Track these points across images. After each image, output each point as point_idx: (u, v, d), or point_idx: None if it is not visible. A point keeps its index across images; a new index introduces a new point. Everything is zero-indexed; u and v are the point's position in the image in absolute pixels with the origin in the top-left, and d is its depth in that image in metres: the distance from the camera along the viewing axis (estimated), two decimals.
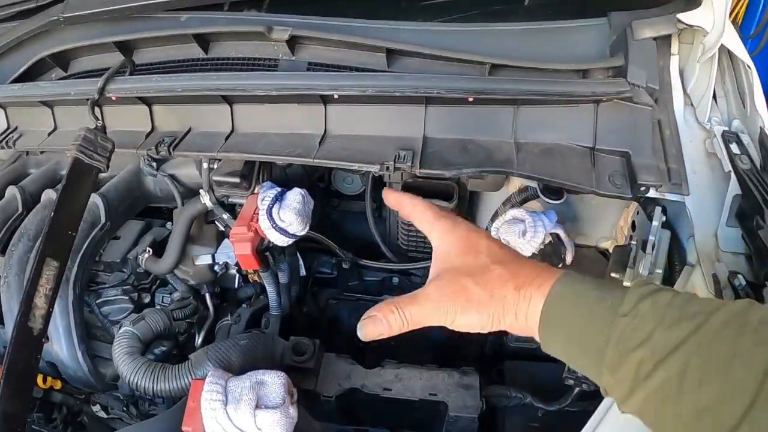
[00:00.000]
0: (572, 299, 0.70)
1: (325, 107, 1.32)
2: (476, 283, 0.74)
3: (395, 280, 1.80)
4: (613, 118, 1.21)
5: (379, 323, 0.77)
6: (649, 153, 1.19)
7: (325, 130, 1.32)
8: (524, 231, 1.35)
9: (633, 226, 1.56)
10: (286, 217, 1.34)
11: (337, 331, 1.78)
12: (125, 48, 1.50)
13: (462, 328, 0.76)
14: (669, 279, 1.20)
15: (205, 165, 1.50)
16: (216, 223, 1.61)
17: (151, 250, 1.60)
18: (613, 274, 1.22)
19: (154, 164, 1.62)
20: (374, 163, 1.23)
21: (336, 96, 1.25)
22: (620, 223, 1.65)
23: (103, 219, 1.51)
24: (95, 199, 1.49)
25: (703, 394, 0.57)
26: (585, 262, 1.60)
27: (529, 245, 1.35)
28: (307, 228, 1.41)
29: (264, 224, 1.35)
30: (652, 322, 0.63)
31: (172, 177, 1.62)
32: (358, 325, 0.77)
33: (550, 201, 1.43)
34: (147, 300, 1.65)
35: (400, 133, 1.30)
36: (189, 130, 1.39)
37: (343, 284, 1.84)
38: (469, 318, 0.74)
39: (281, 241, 1.38)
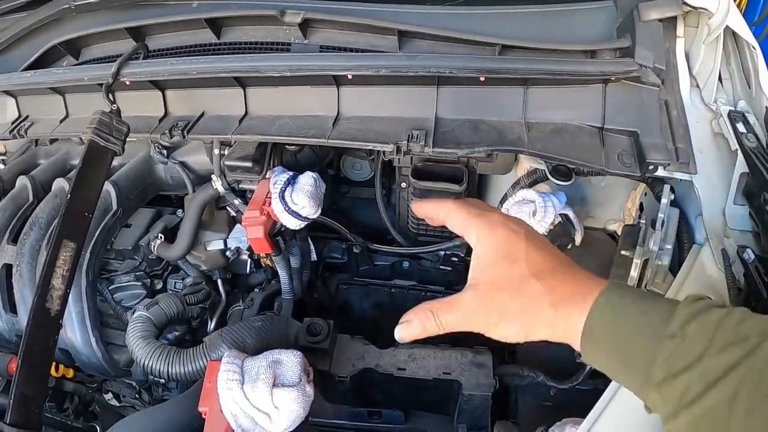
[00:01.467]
0: (615, 315, 0.68)
1: (338, 89, 1.34)
2: (512, 297, 0.73)
3: (405, 264, 1.82)
4: (621, 98, 1.23)
5: (415, 327, 0.76)
6: (657, 132, 1.21)
7: (338, 112, 1.34)
8: (534, 211, 1.36)
9: (641, 207, 1.57)
10: (298, 200, 1.36)
11: (348, 315, 1.80)
12: (137, 34, 1.52)
13: (497, 338, 0.75)
14: (678, 257, 1.21)
15: (216, 151, 1.51)
16: (227, 208, 1.62)
17: (162, 236, 1.60)
18: (623, 252, 1.24)
19: (165, 151, 1.64)
20: (388, 142, 1.25)
21: (350, 76, 1.27)
22: (628, 205, 1.66)
23: (114, 206, 1.51)
24: (107, 186, 1.49)
25: (754, 424, 0.56)
26: (594, 244, 1.62)
27: (539, 225, 1.36)
28: (319, 211, 1.42)
29: (277, 207, 1.37)
30: (700, 345, 0.61)
31: (183, 164, 1.63)
32: (396, 329, 0.78)
33: (560, 182, 1.44)
34: (159, 286, 1.67)
35: (412, 114, 1.32)
36: (202, 114, 1.41)
37: (354, 269, 1.86)
38: (504, 330, 0.73)
39: (294, 224, 1.39)
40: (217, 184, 1.50)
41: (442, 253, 1.74)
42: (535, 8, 1.38)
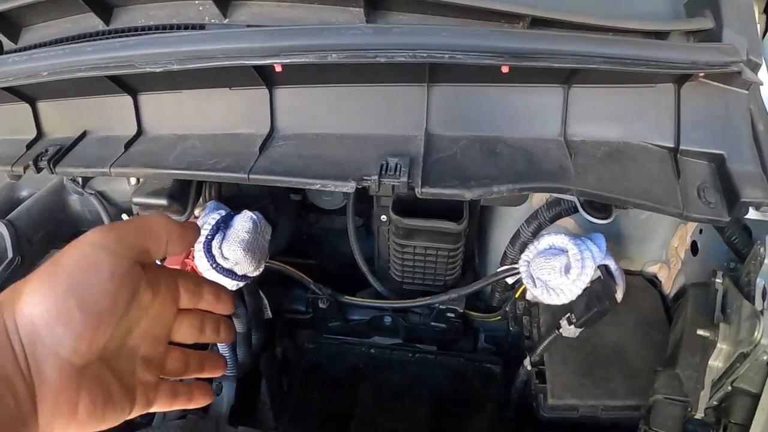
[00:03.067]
0: None
1: (271, 92, 0.92)
2: None
3: (387, 319, 1.42)
4: (700, 106, 0.84)
5: None
6: (748, 156, 0.83)
7: (271, 128, 0.92)
8: (567, 266, 0.98)
9: (695, 248, 1.20)
10: (231, 254, 0.97)
11: (316, 379, 1.40)
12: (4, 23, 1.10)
13: None
14: None
15: (132, 180, 1.12)
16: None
17: None
18: (700, 332, 0.85)
19: (80, 180, 1.29)
20: (347, 178, 0.84)
21: (279, 68, 0.84)
22: (674, 243, 1.31)
23: (11, 253, 1.21)
24: None
25: None
26: (630, 294, 1.23)
27: (573, 286, 0.98)
28: (262, 266, 1.04)
29: (201, 264, 0.98)
30: None
31: (100, 195, 1.29)
32: None
33: (596, 220, 1.06)
34: None
35: (388, 130, 0.91)
36: (83, 135, 0.99)
37: (322, 325, 1.46)
38: None
39: (226, 284, 1.00)
40: None
41: (436, 306, 1.34)
42: None
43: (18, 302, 0.50)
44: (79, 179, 1.29)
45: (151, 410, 0.60)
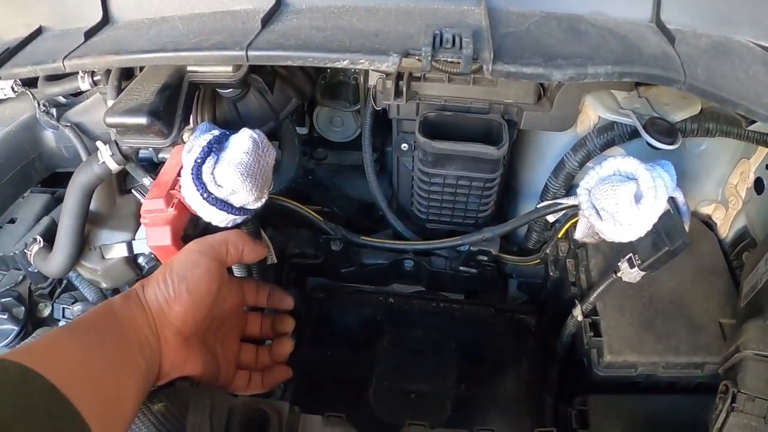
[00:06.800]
0: None
1: None
2: None
3: (408, 263, 1.24)
4: None
5: None
6: None
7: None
8: (638, 195, 0.80)
9: (759, 185, 1.04)
10: (225, 180, 0.79)
11: (327, 333, 1.23)
12: None
13: None
14: None
15: (110, 100, 0.94)
16: (134, 193, 1.05)
17: (42, 240, 1.08)
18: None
19: (53, 110, 1.13)
20: (387, 51, 0.64)
21: None
22: (732, 180, 1.14)
23: None
24: None
25: None
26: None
27: (646, 217, 0.80)
28: (265, 196, 0.86)
29: (189, 193, 0.80)
30: None
31: (77, 127, 1.12)
32: None
33: (663, 145, 0.88)
34: (46, 313, 1.17)
35: (433, 2, 0.72)
36: (38, 31, 0.80)
37: (334, 271, 1.29)
38: None
39: (221, 219, 0.83)
40: (105, 156, 0.93)
41: (465, 248, 1.17)
42: None
43: (147, 289, 0.76)
44: (53, 111, 1.12)
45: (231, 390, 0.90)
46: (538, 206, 1.07)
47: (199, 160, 0.79)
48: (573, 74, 0.61)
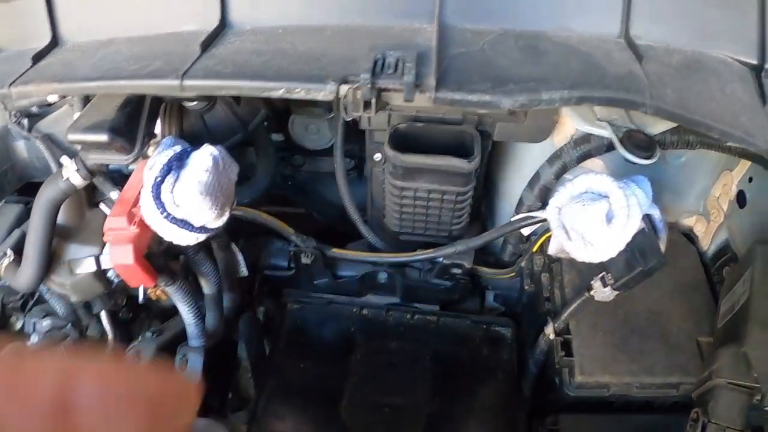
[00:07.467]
0: None
1: None
2: None
3: (382, 275, 1.23)
4: None
5: None
6: None
7: (222, 20, 0.70)
8: (610, 214, 0.78)
9: (742, 198, 1.03)
10: (184, 198, 0.77)
11: (302, 345, 1.21)
12: None
13: None
14: None
15: (76, 114, 0.92)
16: (102, 207, 1.03)
17: (12, 253, 1.04)
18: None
19: (25, 121, 1.11)
20: (324, 78, 0.62)
21: None
22: (715, 192, 1.13)
23: None
24: None
25: None
26: (666, 250, 1.05)
27: (616, 239, 0.78)
28: (226, 213, 0.84)
29: (149, 212, 0.78)
30: None
31: (48, 138, 1.10)
32: None
33: (639, 160, 0.87)
34: (19, 326, 1.16)
35: (384, 19, 0.69)
36: None
37: (307, 283, 1.27)
38: None
39: (183, 238, 0.81)
40: (70, 171, 0.91)
41: (440, 260, 1.15)
42: None
43: None
44: (25, 121, 1.11)
45: None
46: (512, 219, 1.06)
47: (159, 179, 0.77)
48: (524, 101, 0.59)
